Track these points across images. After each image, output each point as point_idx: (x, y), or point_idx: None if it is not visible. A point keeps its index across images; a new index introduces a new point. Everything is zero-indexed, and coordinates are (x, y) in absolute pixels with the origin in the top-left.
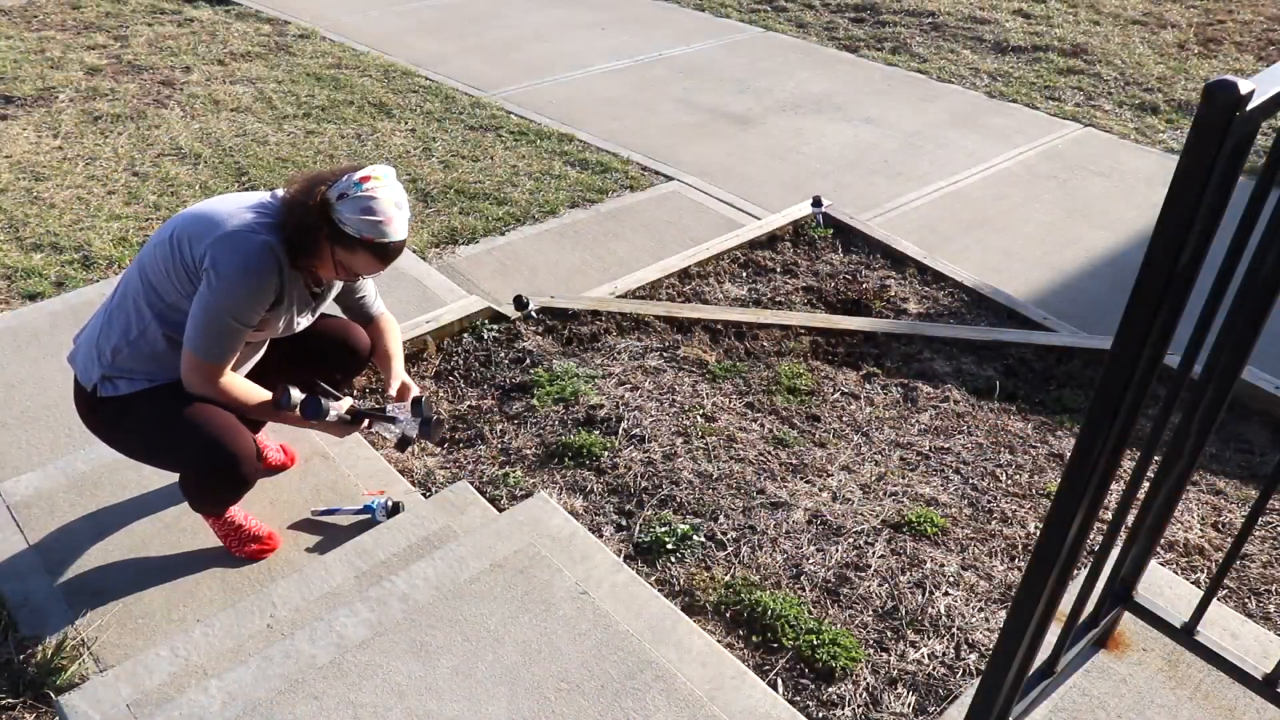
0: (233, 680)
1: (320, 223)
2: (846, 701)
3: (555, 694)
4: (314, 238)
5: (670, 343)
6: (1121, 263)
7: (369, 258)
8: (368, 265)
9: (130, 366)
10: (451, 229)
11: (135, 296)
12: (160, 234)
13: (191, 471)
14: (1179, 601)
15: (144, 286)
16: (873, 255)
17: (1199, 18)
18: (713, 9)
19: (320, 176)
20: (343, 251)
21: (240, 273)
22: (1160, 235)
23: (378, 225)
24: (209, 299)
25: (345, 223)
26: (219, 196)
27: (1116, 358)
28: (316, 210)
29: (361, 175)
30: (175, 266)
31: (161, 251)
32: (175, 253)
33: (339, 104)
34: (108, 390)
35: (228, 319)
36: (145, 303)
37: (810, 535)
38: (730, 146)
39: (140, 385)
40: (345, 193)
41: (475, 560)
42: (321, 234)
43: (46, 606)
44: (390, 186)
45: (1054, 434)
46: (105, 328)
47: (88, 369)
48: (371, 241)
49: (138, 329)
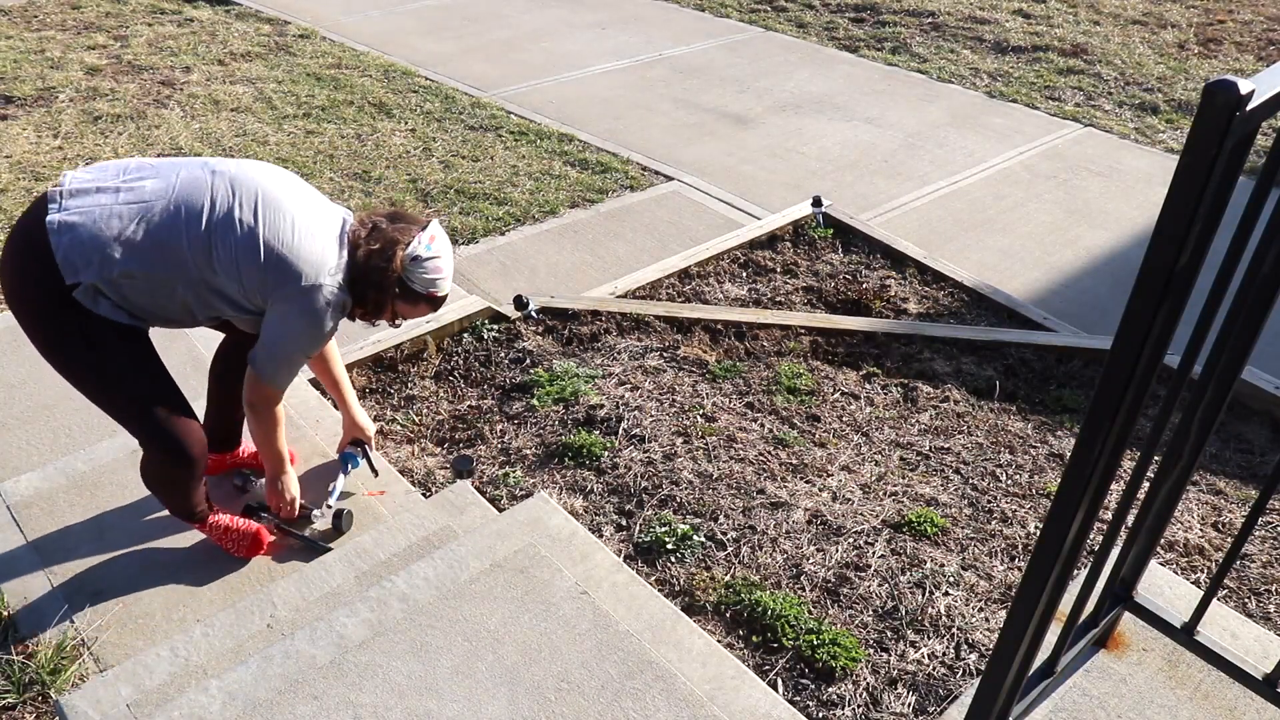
0: (233, 680)
1: (396, 285)
2: (846, 701)
3: (555, 694)
4: (387, 300)
5: (670, 343)
6: (1121, 263)
7: (428, 308)
8: (422, 313)
9: (128, 297)
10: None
11: (182, 237)
12: (244, 200)
13: (138, 427)
14: (1179, 601)
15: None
16: (873, 255)
17: (1199, 18)
18: (713, 9)
19: (395, 236)
20: (404, 305)
21: (320, 327)
22: (1160, 235)
23: (441, 282)
24: (285, 336)
25: (415, 282)
26: (298, 190)
27: (1116, 358)
28: (397, 278)
29: (429, 235)
30: (244, 261)
31: (236, 234)
32: (254, 250)
33: (339, 104)
34: (87, 301)
35: (299, 356)
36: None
37: (810, 535)
38: (730, 146)
39: (122, 319)
40: (418, 256)
41: (475, 560)
42: (393, 294)
43: (46, 606)
44: (446, 240)
45: (1054, 434)
46: (131, 241)
47: (77, 262)
48: (434, 296)
49: (163, 274)
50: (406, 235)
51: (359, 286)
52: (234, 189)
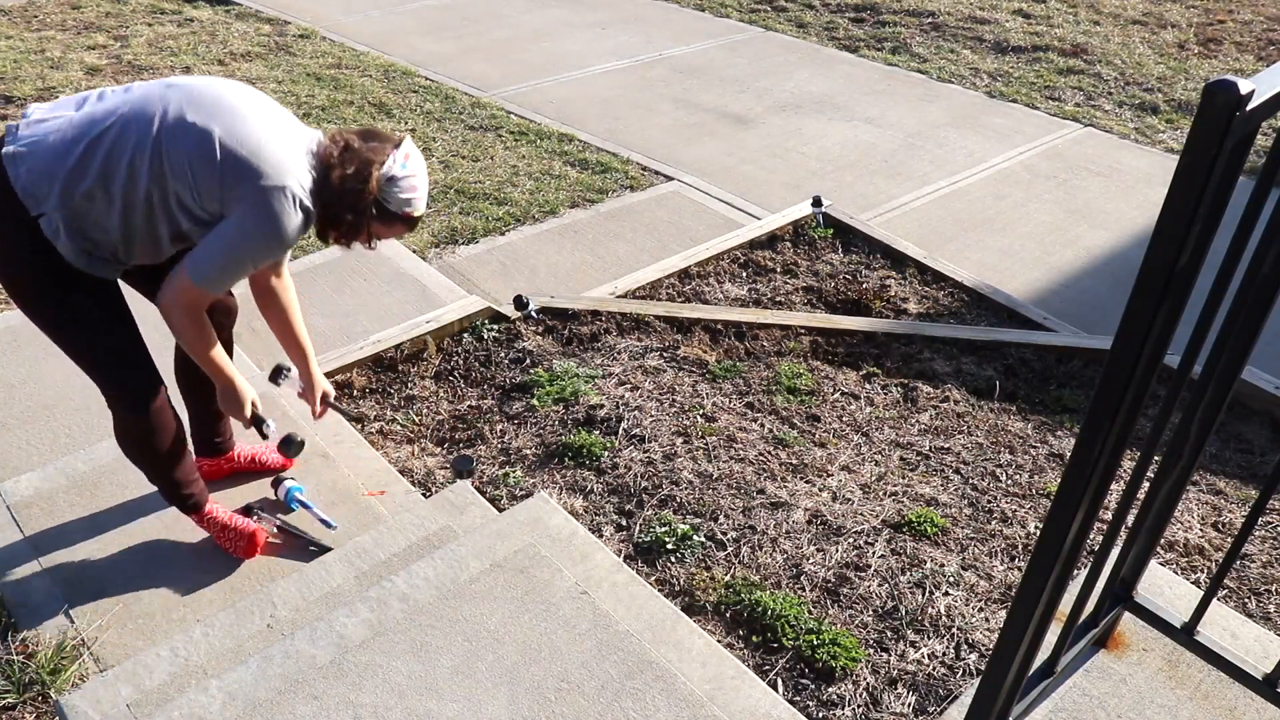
0: (233, 680)
1: (372, 206)
2: (846, 701)
3: (555, 694)
4: (364, 222)
5: (670, 343)
6: (1121, 263)
7: (403, 228)
8: (398, 234)
9: (98, 222)
10: (451, 229)
11: (129, 146)
12: (201, 106)
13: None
14: (1179, 601)
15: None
16: (873, 255)
17: (1199, 18)
18: (713, 9)
19: (369, 156)
20: (380, 226)
21: (279, 233)
22: (1160, 235)
23: (417, 201)
24: (236, 239)
25: (390, 202)
26: (265, 103)
27: (1116, 358)
28: (374, 199)
29: (404, 153)
30: (198, 162)
31: (190, 137)
32: (209, 150)
33: (339, 104)
34: (51, 234)
35: (248, 265)
36: (147, 162)
37: (810, 535)
38: (730, 146)
39: (97, 269)
40: (394, 175)
41: (475, 560)
42: (370, 216)
43: (46, 606)
44: (421, 158)
45: (1054, 434)
46: (85, 158)
47: (37, 192)
48: (410, 216)
49: (121, 188)
50: (381, 154)
51: (333, 209)
52: (191, 97)
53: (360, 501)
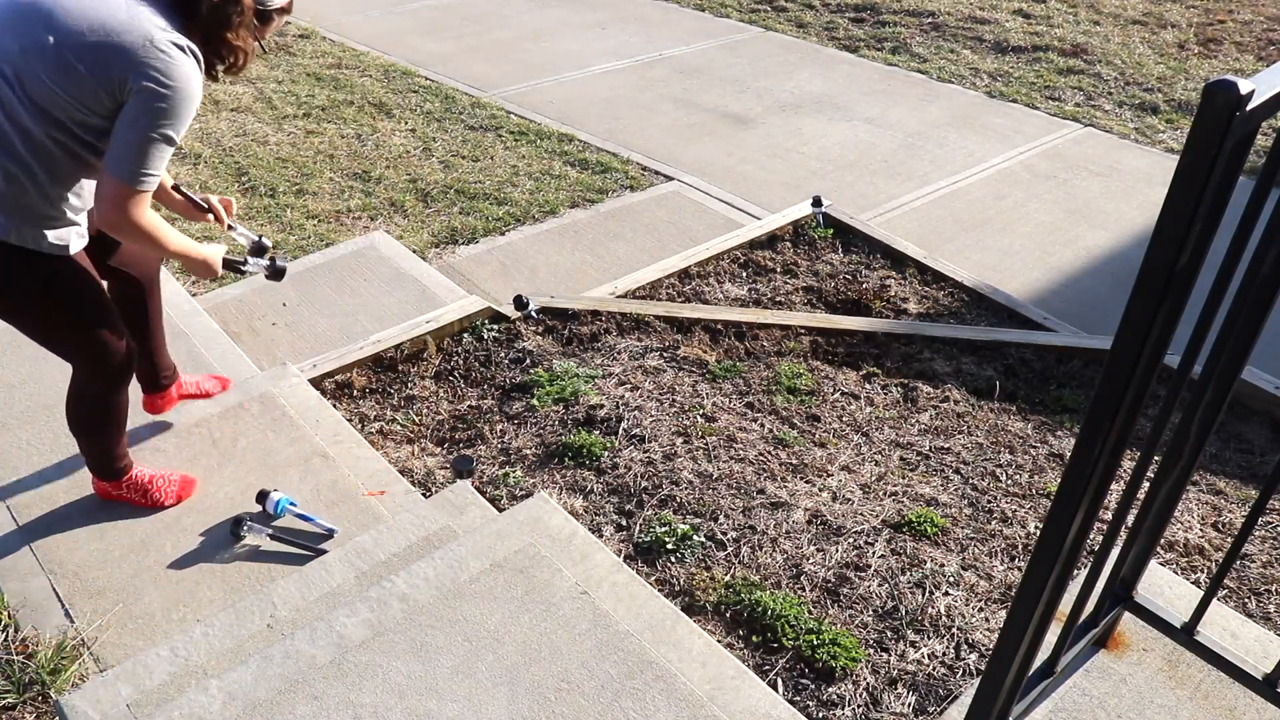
0: (233, 680)
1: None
2: (846, 701)
3: (555, 694)
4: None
5: (670, 343)
6: (1121, 263)
7: (277, 21)
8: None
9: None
10: (451, 229)
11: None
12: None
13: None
14: (1179, 601)
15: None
16: (873, 255)
17: (1199, 18)
18: (713, 9)
19: None
20: (263, 28)
21: (185, 91)
22: (1160, 235)
23: None
24: (147, 121)
25: (269, 3)
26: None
27: (1116, 358)
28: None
29: None
30: (69, 83)
31: (39, 64)
32: (64, 65)
33: (339, 104)
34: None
35: (169, 139)
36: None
37: (810, 535)
38: (730, 146)
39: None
40: None
41: (475, 560)
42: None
43: (46, 606)
44: None
45: (1054, 434)
46: None
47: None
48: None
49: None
50: None
51: (215, 44)
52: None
53: (360, 501)
